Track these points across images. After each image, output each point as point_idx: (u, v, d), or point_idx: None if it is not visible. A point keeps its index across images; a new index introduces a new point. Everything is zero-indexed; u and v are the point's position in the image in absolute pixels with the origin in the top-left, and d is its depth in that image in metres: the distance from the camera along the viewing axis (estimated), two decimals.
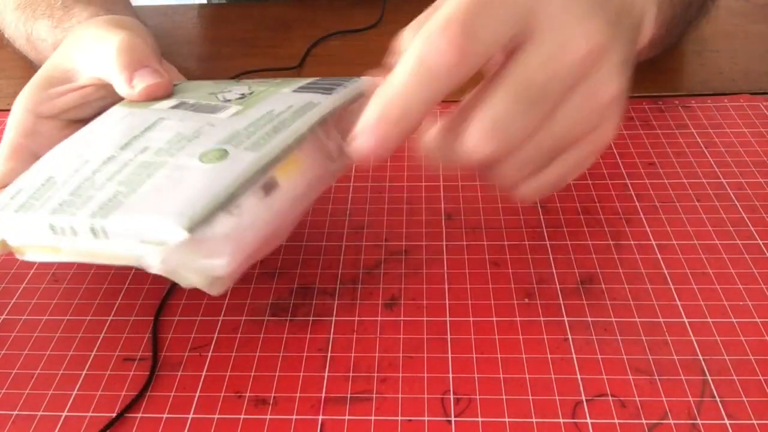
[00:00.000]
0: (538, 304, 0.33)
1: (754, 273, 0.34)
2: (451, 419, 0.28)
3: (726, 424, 0.28)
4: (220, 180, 0.26)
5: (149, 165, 0.28)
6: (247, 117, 0.30)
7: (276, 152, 0.28)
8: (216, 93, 0.33)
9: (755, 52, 0.54)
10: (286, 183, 0.28)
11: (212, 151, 0.28)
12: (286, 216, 0.29)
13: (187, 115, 0.31)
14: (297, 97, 0.31)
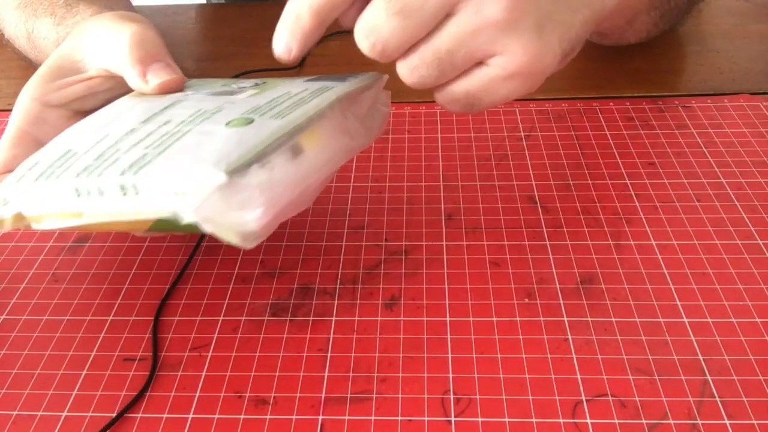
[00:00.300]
0: (538, 304, 0.33)
1: (754, 273, 0.34)
2: (451, 419, 0.28)
3: (726, 424, 0.28)
4: (250, 138, 0.27)
5: (174, 133, 0.28)
6: (266, 96, 0.31)
7: (300, 121, 0.28)
8: (229, 84, 0.33)
9: (755, 52, 0.54)
10: (310, 150, 0.28)
11: (237, 119, 0.28)
12: (312, 181, 0.29)
13: (206, 98, 0.32)
14: (311, 84, 0.32)
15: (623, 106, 0.48)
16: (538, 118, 0.47)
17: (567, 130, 0.46)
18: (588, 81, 0.51)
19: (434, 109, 0.49)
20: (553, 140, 0.45)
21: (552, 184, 0.41)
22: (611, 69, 0.53)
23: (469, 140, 0.45)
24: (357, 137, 0.32)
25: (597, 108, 0.48)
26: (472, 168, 0.43)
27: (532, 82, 0.31)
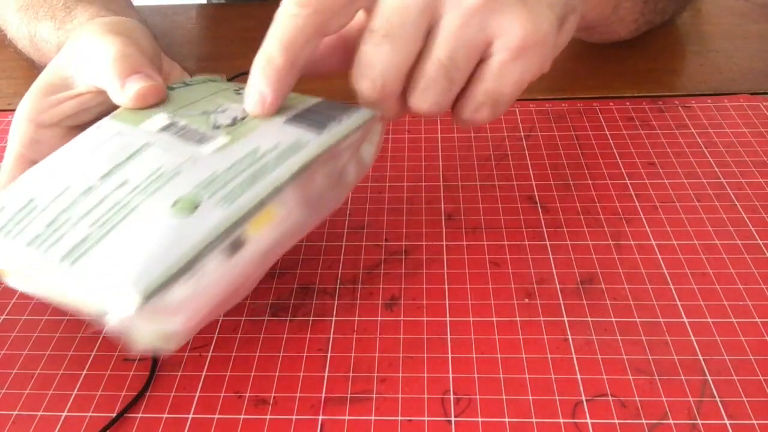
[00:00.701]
0: (538, 304, 0.33)
1: (754, 273, 0.34)
2: (451, 419, 0.28)
3: (726, 424, 0.28)
4: (184, 241, 0.25)
5: (124, 206, 0.27)
6: (231, 155, 0.29)
7: (249, 207, 0.26)
8: (210, 113, 0.31)
9: (755, 52, 0.54)
10: (255, 238, 0.27)
11: (185, 199, 0.27)
12: (253, 271, 0.28)
13: (173, 144, 0.29)
14: (287, 132, 0.29)
15: (623, 106, 0.48)
16: (538, 118, 0.47)
17: (567, 130, 0.46)
18: (588, 81, 0.51)
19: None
20: (553, 140, 0.45)
21: (552, 184, 0.41)
22: (611, 69, 0.53)
23: (469, 140, 0.45)
24: (321, 207, 0.31)
25: (597, 108, 0.48)
26: (472, 168, 0.43)
27: (540, 54, 0.31)
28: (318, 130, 0.30)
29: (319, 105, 0.32)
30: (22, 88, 0.54)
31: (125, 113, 0.32)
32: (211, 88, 0.34)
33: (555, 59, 0.34)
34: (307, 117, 0.30)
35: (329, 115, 0.31)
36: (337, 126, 0.30)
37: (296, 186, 0.28)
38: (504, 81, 0.31)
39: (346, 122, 0.30)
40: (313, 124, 0.30)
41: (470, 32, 0.30)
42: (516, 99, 0.33)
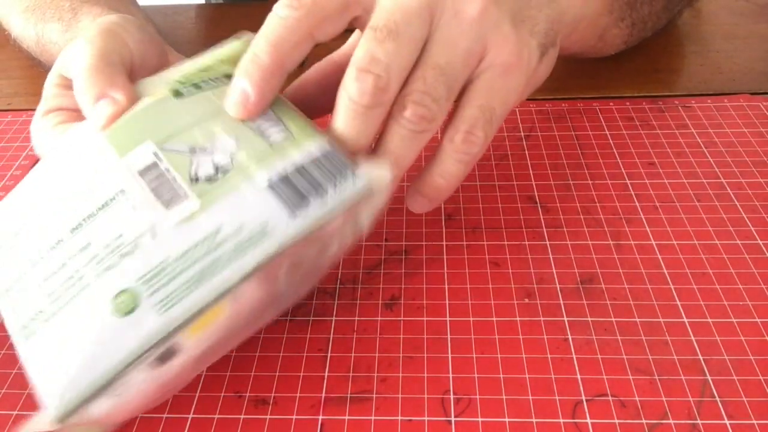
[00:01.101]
0: (538, 304, 0.33)
1: (754, 273, 0.34)
2: (451, 419, 0.28)
3: (726, 424, 0.28)
4: (114, 350, 0.25)
5: (78, 280, 0.26)
6: (190, 233, 0.26)
7: (185, 317, 0.25)
8: (196, 151, 0.28)
9: (755, 52, 0.54)
10: (190, 345, 0.26)
11: (128, 293, 0.25)
12: (190, 369, 0.27)
13: (143, 200, 0.27)
14: (260, 205, 0.27)
15: (623, 106, 0.48)
16: (538, 118, 0.47)
17: (567, 130, 0.46)
18: (588, 81, 0.51)
19: None
20: (553, 140, 0.45)
21: (552, 184, 0.41)
22: (611, 69, 0.53)
23: None
24: (290, 293, 0.28)
25: (597, 108, 0.48)
26: (472, 168, 0.43)
27: (523, 74, 0.32)
28: (294, 209, 0.26)
29: (316, 161, 0.28)
30: (22, 88, 0.54)
31: (115, 130, 0.30)
32: (218, 96, 0.30)
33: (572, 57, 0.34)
34: (293, 182, 0.27)
35: (318, 183, 0.27)
36: (319, 207, 0.27)
37: (252, 282, 0.26)
38: (495, 97, 0.32)
39: (334, 200, 0.27)
40: (293, 198, 0.27)
41: (467, 43, 0.30)
42: (502, 122, 0.33)
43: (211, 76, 0.31)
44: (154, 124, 0.29)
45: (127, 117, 0.30)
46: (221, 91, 0.30)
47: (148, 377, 0.25)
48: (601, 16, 0.43)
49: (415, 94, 0.30)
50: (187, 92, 0.31)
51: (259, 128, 0.29)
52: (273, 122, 0.29)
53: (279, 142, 0.28)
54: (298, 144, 0.28)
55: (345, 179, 0.27)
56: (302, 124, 0.29)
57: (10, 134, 0.48)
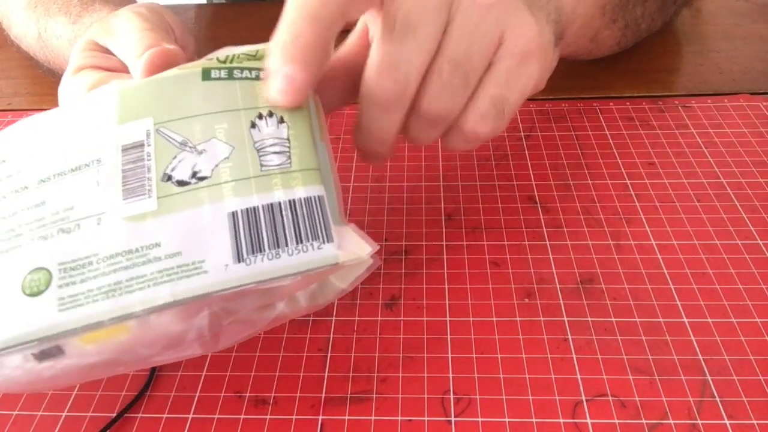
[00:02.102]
0: (538, 304, 0.33)
1: (754, 273, 0.34)
2: (451, 419, 0.28)
3: (726, 424, 0.28)
4: (2, 331, 0.24)
5: (14, 237, 0.25)
6: (131, 237, 0.24)
7: (83, 323, 0.23)
8: (185, 148, 0.26)
9: (755, 52, 0.54)
10: (79, 351, 0.24)
11: (43, 273, 0.24)
12: (72, 376, 0.26)
13: (111, 179, 0.26)
14: (207, 237, 0.24)
15: (623, 106, 0.48)
16: (538, 118, 0.47)
17: (567, 130, 0.46)
18: (588, 81, 0.51)
19: None
20: (553, 140, 0.45)
21: (552, 184, 0.41)
22: (611, 69, 0.52)
23: None
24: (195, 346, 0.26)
25: (597, 108, 0.48)
26: (472, 168, 0.43)
27: (541, 62, 0.32)
28: (243, 253, 0.24)
29: (296, 204, 0.25)
30: (22, 88, 0.54)
31: (129, 92, 0.28)
32: (244, 92, 0.28)
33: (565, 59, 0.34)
34: (259, 221, 0.25)
35: (283, 233, 0.25)
36: (270, 263, 0.24)
37: (165, 314, 0.24)
38: (509, 87, 0.31)
39: (291, 261, 0.24)
40: (248, 240, 0.24)
41: (485, 30, 0.30)
42: (518, 110, 0.33)
43: (251, 66, 0.29)
44: (166, 100, 0.28)
45: (148, 81, 0.29)
46: (250, 86, 0.28)
47: (23, 367, 0.24)
48: (593, 18, 0.43)
49: (431, 90, 0.29)
50: (216, 76, 0.28)
51: (263, 144, 0.26)
52: (280, 141, 0.27)
53: (271, 168, 0.26)
54: (289, 177, 0.26)
55: (314, 241, 0.25)
56: (310, 154, 0.27)
57: None
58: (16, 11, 0.49)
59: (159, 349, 0.26)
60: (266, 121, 0.27)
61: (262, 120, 0.27)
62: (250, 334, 0.27)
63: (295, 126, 0.27)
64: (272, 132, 0.27)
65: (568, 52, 0.44)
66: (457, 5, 0.29)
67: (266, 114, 0.27)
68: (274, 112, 0.27)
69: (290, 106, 0.27)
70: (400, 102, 0.29)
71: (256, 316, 0.26)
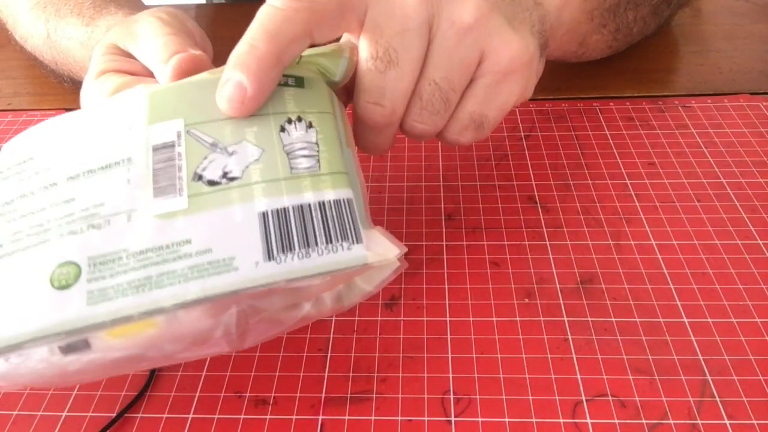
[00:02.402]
0: (538, 304, 0.33)
1: (754, 273, 0.34)
2: (451, 419, 0.28)
3: (726, 424, 0.28)
4: (29, 320, 0.24)
5: (42, 232, 0.25)
6: (162, 233, 0.25)
7: (112, 317, 0.23)
8: (216, 148, 0.26)
9: (755, 52, 0.54)
10: (106, 345, 0.24)
11: (71, 267, 0.24)
12: (97, 371, 0.25)
13: (141, 177, 0.26)
14: (239, 235, 0.25)
15: (623, 106, 0.48)
16: (538, 118, 0.47)
17: (567, 130, 0.46)
18: (588, 81, 0.51)
19: None
20: (553, 140, 0.45)
21: (552, 184, 0.41)
22: (611, 69, 0.52)
23: None
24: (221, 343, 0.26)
25: (597, 108, 0.48)
26: (472, 168, 0.43)
27: (524, 77, 0.33)
28: (273, 252, 0.24)
29: (326, 206, 0.26)
30: (22, 88, 0.54)
31: (159, 95, 0.28)
32: (272, 100, 0.28)
33: (554, 61, 0.34)
34: (289, 221, 0.25)
35: (314, 233, 0.25)
36: (299, 262, 0.24)
37: (194, 310, 0.24)
38: (489, 104, 0.32)
39: (320, 260, 0.24)
40: (279, 239, 0.25)
41: (464, 51, 0.31)
42: (500, 122, 0.33)
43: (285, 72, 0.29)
44: (196, 103, 0.28)
45: (178, 84, 0.29)
46: (278, 91, 0.28)
47: (48, 359, 0.24)
48: (580, 23, 0.43)
49: (413, 113, 0.31)
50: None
51: (292, 147, 0.27)
52: (309, 146, 0.27)
53: (300, 171, 0.26)
54: (318, 180, 0.26)
55: (344, 242, 0.25)
56: (338, 159, 0.27)
57: (10, 134, 0.48)
58: (23, 11, 0.49)
59: (185, 345, 0.26)
60: (295, 126, 0.27)
61: (291, 124, 0.27)
62: (276, 333, 0.27)
63: (324, 131, 0.28)
64: (301, 136, 0.27)
65: (555, 57, 0.44)
66: (436, 29, 0.30)
67: (295, 119, 0.28)
68: (303, 117, 0.28)
69: (237, 116, 0.27)
70: (388, 125, 0.31)
71: (283, 315, 0.26)
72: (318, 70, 0.31)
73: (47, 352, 0.24)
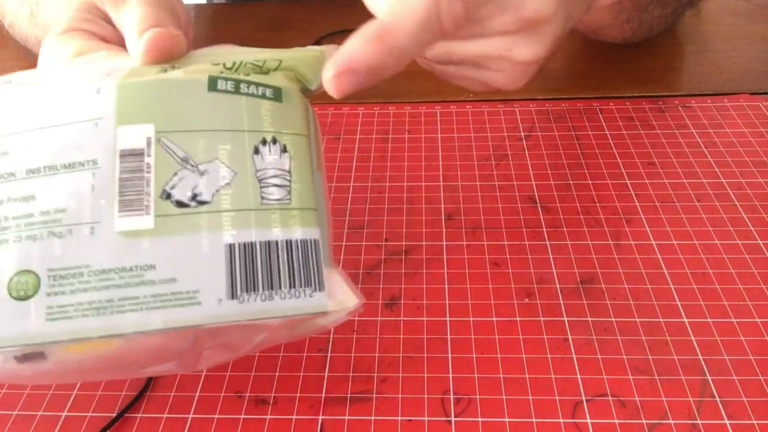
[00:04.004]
0: (538, 304, 0.33)
1: (754, 273, 0.34)
2: (451, 419, 0.28)
3: (726, 424, 0.28)
4: None
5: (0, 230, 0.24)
6: (127, 254, 0.24)
7: (70, 337, 0.23)
8: (186, 165, 0.25)
9: (755, 52, 0.54)
10: (63, 358, 0.24)
11: (30, 277, 0.24)
12: (53, 377, 0.25)
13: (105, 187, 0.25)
14: (205, 267, 0.24)
15: (623, 106, 0.48)
16: (538, 118, 0.47)
17: (567, 130, 0.46)
18: (588, 81, 0.51)
19: (434, 110, 0.49)
20: (553, 140, 0.45)
21: (552, 184, 0.41)
22: (611, 69, 0.53)
23: (469, 140, 0.45)
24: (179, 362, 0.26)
25: (597, 108, 0.48)
26: (472, 168, 0.43)
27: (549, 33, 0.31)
28: (237, 290, 0.24)
29: (292, 245, 0.25)
30: None
31: (129, 89, 0.26)
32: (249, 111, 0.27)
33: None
34: (255, 257, 0.25)
35: (277, 275, 0.25)
36: (261, 304, 0.24)
37: (153, 336, 0.24)
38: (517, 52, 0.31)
39: (282, 305, 0.24)
40: (243, 277, 0.24)
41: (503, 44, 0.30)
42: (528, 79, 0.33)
43: (257, 81, 0.28)
44: (168, 107, 0.26)
45: (151, 81, 0.27)
46: (256, 105, 0.27)
47: (2, 365, 0.24)
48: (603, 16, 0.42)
49: None
50: (223, 88, 0.27)
51: (264, 174, 0.26)
52: (281, 173, 0.26)
53: (271, 202, 0.25)
54: (288, 215, 0.25)
55: (307, 288, 0.25)
56: (308, 192, 0.26)
57: None
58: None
59: (137, 365, 0.25)
60: (269, 148, 0.27)
61: (266, 146, 0.27)
62: (231, 357, 0.27)
63: (297, 156, 0.27)
64: (274, 162, 0.26)
65: None
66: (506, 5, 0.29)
67: (270, 140, 0.27)
68: (278, 138, 0.27)
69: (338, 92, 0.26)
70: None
71: (238, 342, 0.26)
72: (295, 77, 0.29)
73: (1, 359, 0.23)
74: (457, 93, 0.51)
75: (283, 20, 0.63)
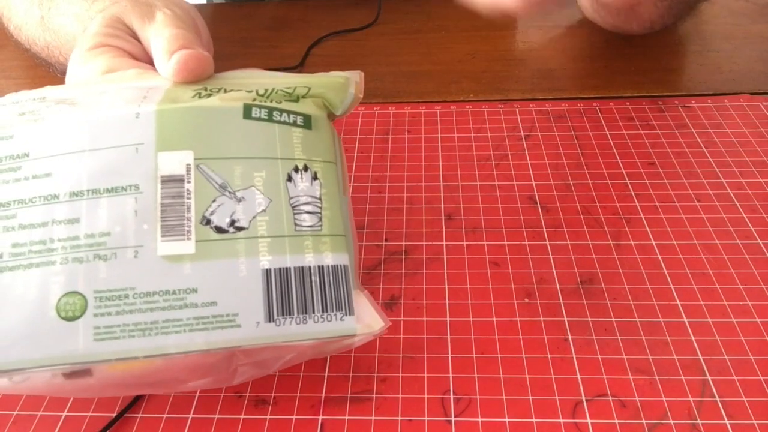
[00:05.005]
0: (538, 304, 0.33)
1: (754, 273, 0.34)
2: (451, 419, 0.28)
3: (726, 424, 0.28)
4: (33, 347, 0.24)
5: (45, 252, 0.25)
6: (170, 277, 0.25)
7: (116, 357, 0.24)
8: (224, 192, 0.26)
9: (755, 52, 0.54)
10: (108, 374, 0.25)
11: (77, 299, 0.24)
12: (96, 391, 0.26)
13: (148, 212, 0.26)
14: (244, 291, 0.25)
15: (623, 106, 0.48)
16: (538, 118, 0.47)
17: (567, 130, 0.46)
18: (588, 81, 0.51)
19: (434, 110, 0.49)
20: (553, 140, 0.45)
21: (552, 184, 0.41)
22: (611, 69, 0.53)
23: (469, 140, 0.45)
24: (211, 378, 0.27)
25: (597, 108, 0.48)
26: (472, 168, 0.43)
27: None
28: (273, 314, 0.25)
29: (324, 270, 0.26)
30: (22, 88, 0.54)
31: (168, 115, 0.27)
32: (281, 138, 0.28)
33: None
34: (290, 282, 0.26)
35: (311, 299, 0.26)
36: (296, 327, 0.25)
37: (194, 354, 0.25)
38: None
39: (314, 328, 0.26)
40: (279, 301, 0.26)
41: None
42: None
43: (289, 108, 0.29)
44: (206, 134, 0.27)
45: (188, 108, 0.28)
46: (288, 133, 0.28)
47: (50, 381, 0.24)
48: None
49: None
50: (257, 116, 0.28)
51: (297, 201, 0.27)
52: (313, 200, 0.27)
53: (304, 229, 0.27)
54: (319, 242, 0.27)
55: (338, 312, 0.26)
56: (338, 218, 0.28)
57: None
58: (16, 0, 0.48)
59: (176, 381, 0.26)
60: (301, 175, 0.28)
61: (298, 173, 0.28)
62: (262, 373, 0.28)
63: (327, 184, 0.28)
64: (306, 189, 0.27)
65: None
66: None
67: (302, 167, 0.28)
68: (309, 166, 0.28)
69: None
70: None
71: (270, 360, 0.27)
72: (323, 103, 0.30)
73: (50, 375, 0.24)
74: (457, 93, 0.51)
75: (283, 20, 0.63)
